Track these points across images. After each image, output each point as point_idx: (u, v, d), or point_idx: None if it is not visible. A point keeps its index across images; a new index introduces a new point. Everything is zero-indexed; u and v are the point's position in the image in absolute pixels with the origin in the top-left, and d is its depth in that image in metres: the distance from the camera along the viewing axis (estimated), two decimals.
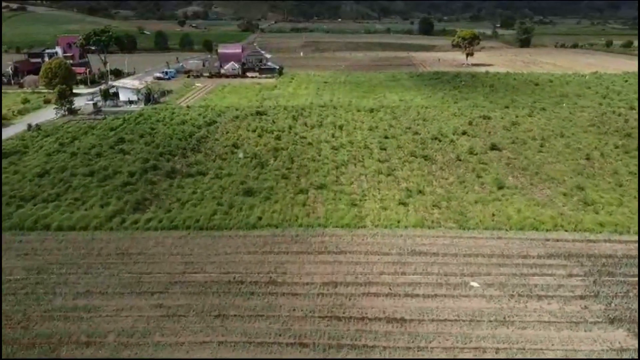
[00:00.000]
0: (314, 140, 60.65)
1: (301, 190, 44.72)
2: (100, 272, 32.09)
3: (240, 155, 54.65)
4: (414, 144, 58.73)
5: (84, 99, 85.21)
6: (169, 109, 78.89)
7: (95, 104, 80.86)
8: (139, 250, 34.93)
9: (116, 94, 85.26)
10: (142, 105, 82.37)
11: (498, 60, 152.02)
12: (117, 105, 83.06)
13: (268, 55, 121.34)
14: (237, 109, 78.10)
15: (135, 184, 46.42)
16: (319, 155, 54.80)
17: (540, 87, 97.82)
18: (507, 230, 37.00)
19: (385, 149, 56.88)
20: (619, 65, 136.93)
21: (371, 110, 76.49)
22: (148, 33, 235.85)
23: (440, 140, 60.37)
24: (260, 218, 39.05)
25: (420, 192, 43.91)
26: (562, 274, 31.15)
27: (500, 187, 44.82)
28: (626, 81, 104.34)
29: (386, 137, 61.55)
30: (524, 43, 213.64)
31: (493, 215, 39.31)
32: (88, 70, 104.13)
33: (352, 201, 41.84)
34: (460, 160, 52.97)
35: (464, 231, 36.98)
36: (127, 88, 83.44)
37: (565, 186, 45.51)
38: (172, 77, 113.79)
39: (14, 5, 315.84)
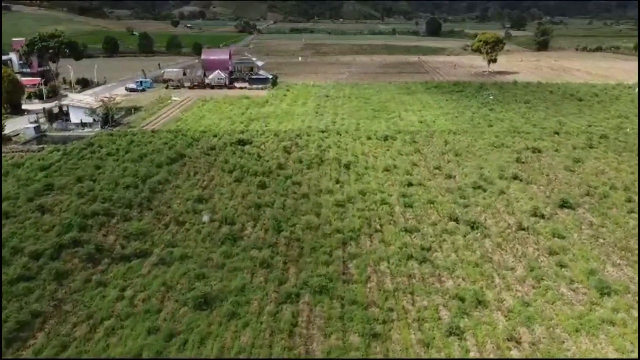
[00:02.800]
0: (312, 189, 44.16)
1: (289, 295, 28.23)
2: None
3: (205, 218, 38.10)
4: (450, 198, 42.05)
5: (30, 118, 68.82)
6: (129, 134, 62.32)
7: (37, 128, 64.42)
8: None
9: (67, 114, 68.77)
10: (97, 129, 65.93)
11: (521, 66, 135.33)
12: (66, 129, 66.58)
13: (260, 63, 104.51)
14: (215, 135, 61.56)
15: (34, 279, 29.99)
16: (318, 218, 38.29)
17: (585, 103, 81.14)
18: None
19: (411, 207, 40.27)
20: None
21: (385, 139, 59.87)
22: (137, 34, 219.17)
23: (484, 190, 43.70)
24: None
25: (479, 302, 27.34)
26: None
27: (604, 292, 28.20)
28: None
29: (410, 185, 44.93)
30: (542, 46, 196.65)
31: None
32: (44, 80, 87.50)
33: (371, 326, 25.32)
34: (523, 229, 36.33)
35: None
36: (80, 107, 66.85)
37: None
38: (148, 87, 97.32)
39: None
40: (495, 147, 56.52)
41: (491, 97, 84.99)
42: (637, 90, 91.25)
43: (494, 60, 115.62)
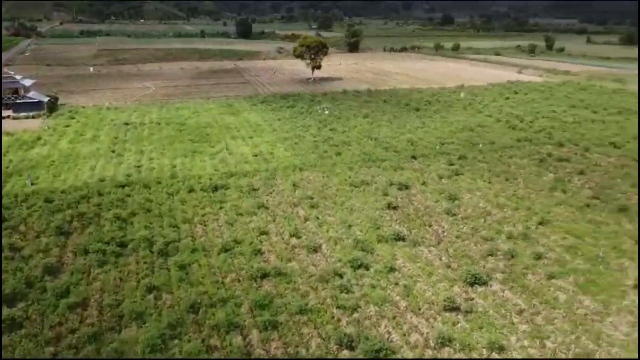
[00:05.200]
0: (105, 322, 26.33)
1: None
2: None
3: None
4: (327, 295, 28.21)
5: None
6: None
7: None
8: None
9: None
10: None
11: (341, 70, 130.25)
12: None
13: (28, 82, 77.48)
14: None
15: None
16: None
17: (423, 113, 75.63)
18: None
19: (275, 327, 25.39)
20: (473, 73, 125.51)
21: (215, 189, 43.87)
22: None
23: (367, 268, 30.98)
24: None
25: None
26: None
27: None
28: (531, 101, 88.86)
29: (264, 276, 29.99)
30: (353, 47, 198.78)
31: None
32: None
33: None
34: (446, 343, 24.25)
35: None
36: None
37: None
38: None
39: None
40: (356, 187, 44.85)
41: (326, 112, 74.65)
42: (462, 95, 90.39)
43: (319, 67, 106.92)
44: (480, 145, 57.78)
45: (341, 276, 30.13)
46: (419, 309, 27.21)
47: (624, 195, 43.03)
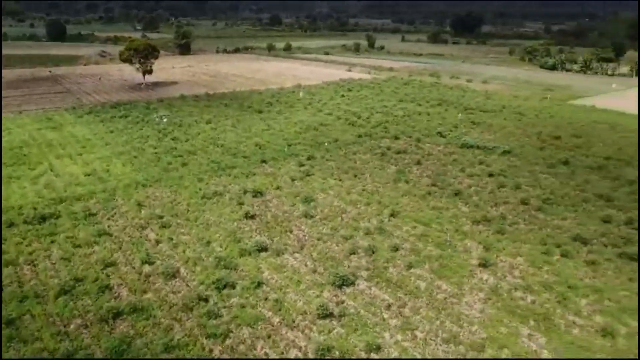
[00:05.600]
0: None
1: None
2: None
3: None
4: (194, 325, 25.83)
5: None
6: None
7: None
8: None
9: None
10: None
11: (175, 73, 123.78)
12: None
13: None
14: None
15: None
16: None
17: (267, 115, 75.02)
18: None
19: None
20: (307, 72, 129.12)
21: (42, 220, 37.56)
22: None
23: (234, 287, 29.21)
24: None
25: None
26: None
27: None
28: (367, 99, 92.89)
29: (116, 316, 26.26)
30: (185, 49, 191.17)
31: None
32: None
33: None
34: (325, 351, 23.76)
35: None
36: None
37: None
38: None
39: None
40: (209, 199, 42.35)
41: (165, 120, 69.83)
42: (302, 94, 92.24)
43: (150, 72, 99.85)
44: (326, 144, 59.26)
45: (206, 300, 27.84)
46: (294, 322, 26.32)
47: (456, 180, 47.67)
